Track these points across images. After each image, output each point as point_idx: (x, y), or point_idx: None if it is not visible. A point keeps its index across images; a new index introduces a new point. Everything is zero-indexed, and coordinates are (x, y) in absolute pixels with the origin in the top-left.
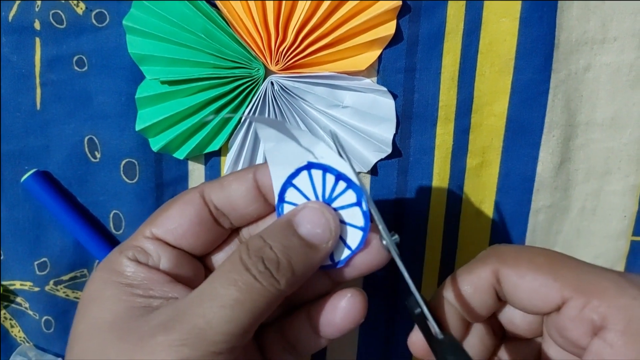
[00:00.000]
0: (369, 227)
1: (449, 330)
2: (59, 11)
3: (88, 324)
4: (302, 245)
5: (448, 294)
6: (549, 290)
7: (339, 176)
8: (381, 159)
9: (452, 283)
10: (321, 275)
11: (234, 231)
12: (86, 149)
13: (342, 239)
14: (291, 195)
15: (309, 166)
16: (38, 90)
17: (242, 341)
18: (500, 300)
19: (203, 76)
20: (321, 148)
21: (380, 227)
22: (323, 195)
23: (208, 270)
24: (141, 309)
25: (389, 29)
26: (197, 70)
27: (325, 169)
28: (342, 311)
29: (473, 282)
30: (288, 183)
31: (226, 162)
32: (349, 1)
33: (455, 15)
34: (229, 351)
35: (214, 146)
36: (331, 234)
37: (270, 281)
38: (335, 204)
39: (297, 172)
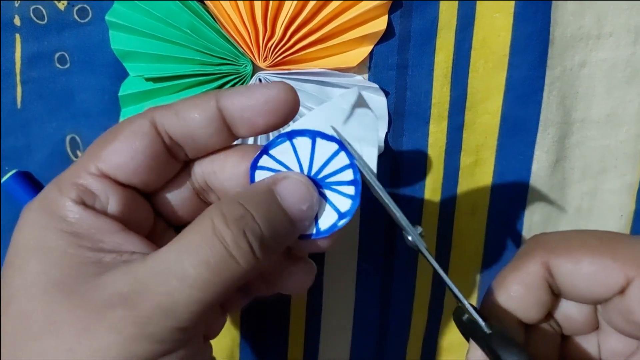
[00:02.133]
0: (360, 195)
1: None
2: (40, 7)
3: (28, 280)
4: (286, 220)
5: (498, 297)
6: (610, 273)
7: (340, 145)
8: None
9: (499, 285)
10: None
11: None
12: (68, 149)
13: (332, 205)
14: (266, 161)
15: (292, 134)
16: (18, 88)
17: (207, 316)
18: (555, 295)
19: (189, 73)
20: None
21: (403, 223)
22: (310, 163)
23: (156, 209)
24: (91, 265)
25: (380, 24)
26: (183, 67)
27: (321, 135)
28: (295, 277)
29: (523, 280)
30: (263, 151)
31: None
32: None
33: (447, 10)
34: (194, 326)
35: None
36: (312, 213)
37: (249, 259)
38: (324, 171)
39: (277, 140)
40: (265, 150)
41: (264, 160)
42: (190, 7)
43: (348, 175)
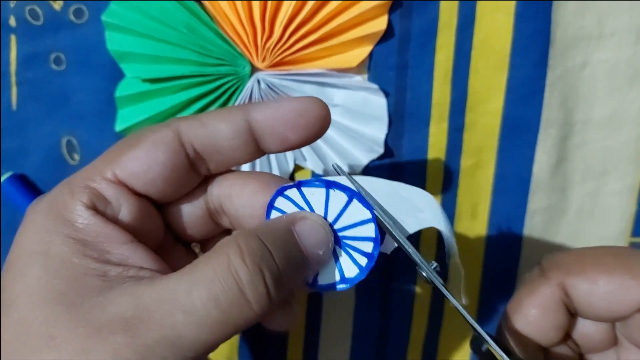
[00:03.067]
0: (368, 271)
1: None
2: (36, 7)
3: (29, 285)
4: (302, 262)
5: (515, 323)
6: (628, 291)
7: (352, 195)
8: (373, 160)
9: (515, 310)
10: None
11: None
12: (64, 151)
13: (350, 258)
14: (295, 195)
15: (332, 184)
16: (14, 90)
17: (208, 351)
18: (572, 315)
19: (186, 74)
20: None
21: (416, 259)
22: (336, 218)
23: (166, 222)
24: (96, 277)
25: (380, 24)
26: (180, 67)
27: (359, 199)
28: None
29: (540, 303)
30: (279, 192)
31: None
32: None
33: (448, 10)
34: (202, 356)
35: None
36: (327, 258)
37: (262, 301)
38: (340, 222)
39: (314, 182)
40: (298, 185)
41: (292, 193)
42: (187, 7)
43: (367, 246)
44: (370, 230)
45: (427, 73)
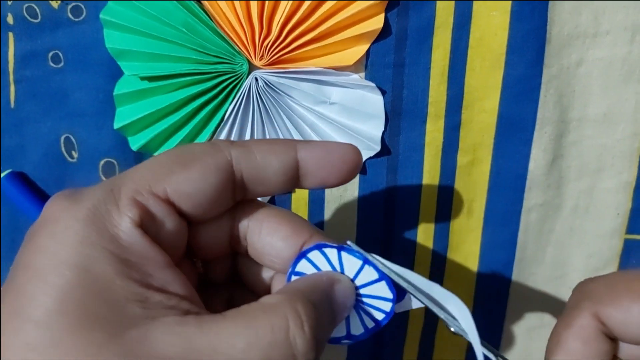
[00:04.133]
0: (393, 313)
1: None
2: (33, 5)
3: (63, 303)
4: (331, 320)
5: (558, 358)
6: None
7: (382, 277)
8: (370, 157)
9: (556, 345)
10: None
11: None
12: (62, 149)
13: (366, 313)
14: (304, 266)
15: (348, 249)
16: (12, 88)
17: None
18: (613, 340)
19: (184, 72)
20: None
21: (442, 316)
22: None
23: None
24: (138, 304)
25: (377, 22)
26: (178, 65)
27: (370, 264)
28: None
29: (578, 335)
30: (318, 247)
31: None
32: None
33: (444, 8)
34: None
35: None
36: (345, 315)
37: (312, 352)
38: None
39: (333, 245)
40: (339, 248)
41: (331, 253)
42: (185, 5)
43: (383, 290)
44: (384, 291)
45: (424, 71)
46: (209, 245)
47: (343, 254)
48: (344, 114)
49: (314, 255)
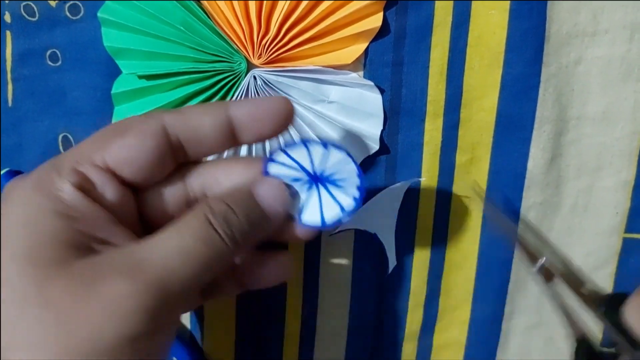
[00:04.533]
0: (362, 198)
1: None
2: (31, 3)
3: (18, 255)
4: (262, 216)
5: None
6: None
7: (325, 144)
8: (368, 156)
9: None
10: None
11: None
12: (60, 147)
13: (336, 202)
14: (281, 157)
15: (308, 141)
16: (9, 86)
17: (197, 293)
18: None
19: (182, 70)
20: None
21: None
22: (322, 165)
23: (141, 209)
24: (84, 249)
25: (376, 21)
26: (176, 64)
27: (334, 145)
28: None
29: None
30: (270, 160)
31: None
32: None
33: (443, 7)
34: (186, 301)
35: None
36: (286, 210)
37: (234, 244)
38: (333, 174)
39: (294, 144)
40: (283, 150)
41: (280, 157)
42: (184, 4)
43: (354, 181)
44: (352, 168)
45: (423, 70)
46: (165, 212)
47: (289, 151)
48: (342, 112)
49: (274, 168)
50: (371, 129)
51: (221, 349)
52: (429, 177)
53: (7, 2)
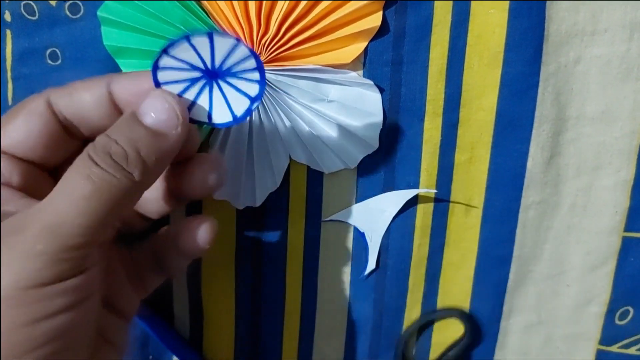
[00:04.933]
0: (265, 78)
1: None
2: (31, 2)
3: None
4: (150, 135)
5: None
6: None
7: (238, 40)
8: (368, 155)
9: None
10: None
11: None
12: None
13: (242, 93)
14: (168, 62)
15: (188, 35)
16: (9, 85)
17: (100, 236)
18: None
19: None
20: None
21: None
22: (212, 58)
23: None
24: None
25: (375, 20)
26: None
27: (218, 33)
28: (202, 231)
29: None
30: (163, 52)
31: None
32: None
33: (442, 6)
34: (87, 244)
35: None
36: (178, 119)
37: (123, 173)
38: (227, 63)
39: (175, 41)
40: (165, 51)
41: (165, 61)
42: (184, 3)
43: (251, 64)
44: (244, 51)
45: (422, 69)
46: None
47: (192, 39)
48: (342, 111)
49: (166, 60)
50: (370, 128)
51: (220, 347)
52: (427, 176)
53: (7, 1)
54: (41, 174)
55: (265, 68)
